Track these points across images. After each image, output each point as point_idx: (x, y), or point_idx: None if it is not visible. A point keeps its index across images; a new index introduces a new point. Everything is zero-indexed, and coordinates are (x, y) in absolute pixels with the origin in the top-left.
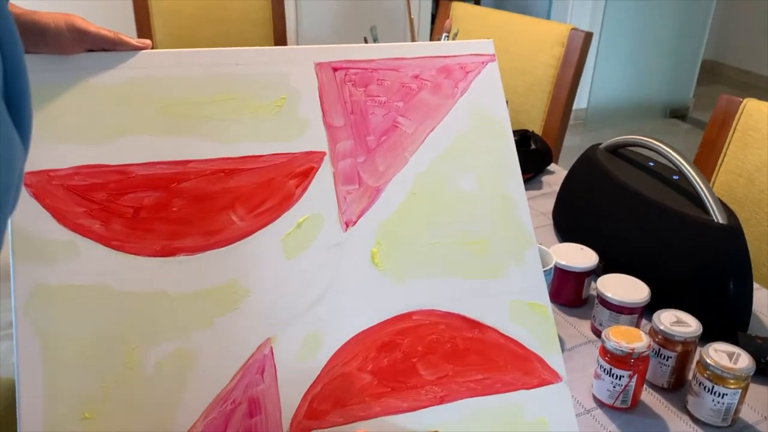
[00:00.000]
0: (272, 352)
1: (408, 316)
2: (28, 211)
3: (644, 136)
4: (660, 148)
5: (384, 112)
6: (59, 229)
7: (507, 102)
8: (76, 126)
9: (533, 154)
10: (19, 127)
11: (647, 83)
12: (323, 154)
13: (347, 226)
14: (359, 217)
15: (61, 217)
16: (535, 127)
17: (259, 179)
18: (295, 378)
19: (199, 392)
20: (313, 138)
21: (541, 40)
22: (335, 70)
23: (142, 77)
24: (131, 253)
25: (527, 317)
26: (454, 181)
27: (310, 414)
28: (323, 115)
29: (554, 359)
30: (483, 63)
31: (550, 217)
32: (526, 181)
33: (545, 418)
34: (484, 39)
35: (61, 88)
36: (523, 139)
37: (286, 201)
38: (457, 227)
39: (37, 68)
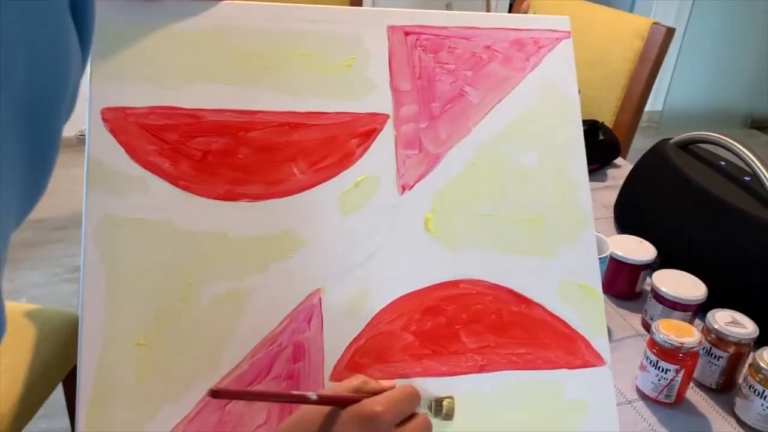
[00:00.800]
0: (320, 302)
1: (455, 283)
2: (104, 144)
3: (718, 134)
4: (734, 147)
5: (451, 80)
6: (131, 164)
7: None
8: (154, 68)
9: (600, 145)
10: (80, 35)
11: (730, 89)
12: (387, 116)
13: (404, 189)
14: (416, 182)
15: (133, 153)
16: (606, 120)
17: (323, 136)
18: (340, 329)
19: (247, 333)
20: (379, 100)
21: (621, 32)
22: (407, 34)
23: (221, 27)
24: (196, 194)
25: (576, 298)
26: (516, 156)
27: (352, 365)
28: (390, 78)
29: (599, 342)
30: (557, 39)
31: (612, 210)
32: (590, 172)
33: (585, 400)
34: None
35: (146, 31)
36: (591, 129)
37: (347, 159)
38: (513, 202)
39: (125, 9)
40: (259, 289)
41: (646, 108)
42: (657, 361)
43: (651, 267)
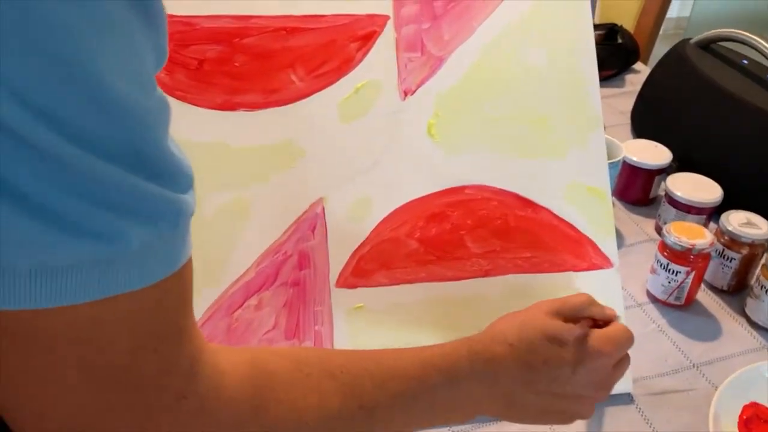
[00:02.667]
0: (324, 212)
1: (460, 189)
2: None
3: (741, 30)
4: (755, 42)
5: None
6: None
7: None
8: None
9: (618, 50)
10: None
11: None
12: (387, 18)
13: (406, 95)
14: (419, 86)
15: None
16: (627, 24)
17: (321, 40)
18: (344, 237)
19: (252, 241)
20: (378, 0)
21: None
22: None
23: None
24: (194, 104)
25: (584, 200)
26: (523, 55)
27: (357, 272)
28: None
29: (607, 244)
30: None
31: (629, 117)
32: (608, 77)
33: None
34: None
35: None
36: (609, 32)
37: (346, 65)
38: (520, 102)
39: None
40: (263, 199)
41: (674, 14)
42: (667, 264)
43: (666, 172)
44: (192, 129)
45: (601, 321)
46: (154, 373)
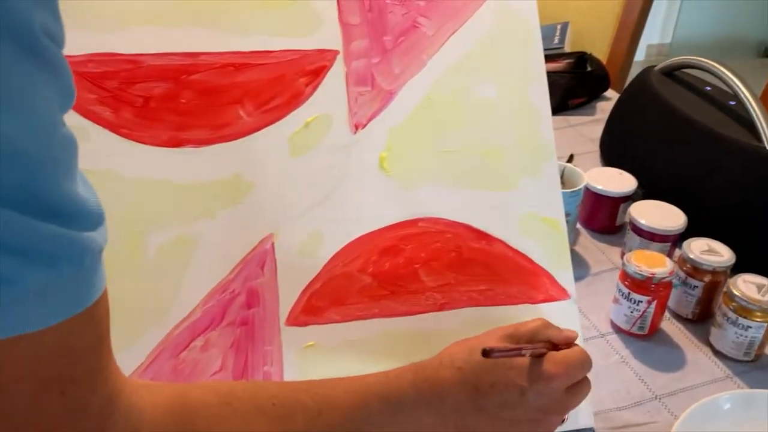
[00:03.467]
0: (273, 248)
1: (413, 222)
2: None
3: (703, 58)
4: (716, 70)
5: (404, 11)
6: (71, 114)
7: (569, 24)
8: (90, 13)
9: (588, 78)
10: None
11: (742, 16)
12: (336, 52)
13: (357, 128)
14: (370, 120)
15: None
16: (600, 52)
17: (269, 75)
18: (295, 274)
19: (198, 280)
20: (327, 35)
21: None
22: None
23: None
24: (139, 142)
25: (538, 231)
26: (474, 88)
27: (308, 309)
28: (339, 12)
29: (564, 276)
30: None
31: (598, 144)
32: (577, 105)
33: None
34: None
35: None
36: (578, 61)
37: (295, 99)
38: (472, 135)
39: None
40: (209, 236)
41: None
42: (629, 293)
43: (633, 199)
44: (137, 167)
45: (561, 344)
46: (62, 416)
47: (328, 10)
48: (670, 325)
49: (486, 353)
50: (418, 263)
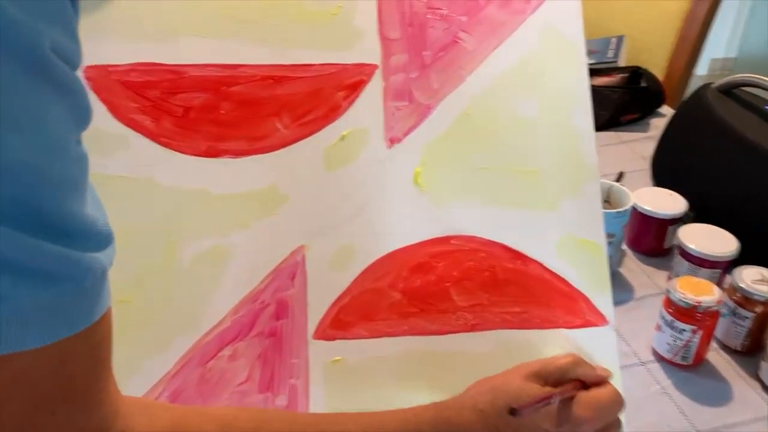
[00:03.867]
0: (304, 260)
1: (446, 239)
2: None
3: (764, 76)
4: None
5: (445, 26)
6: (113, 123)
7: (624, 37)
8: (135, 23)
9: (642, 93)
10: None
11: None
12: (375, 67)
13: (392, 143)
14: (406, 134)
15: (115, 111)
16: (658, 68)
17: (308, 89)
18: (324, 287)
19: (230, 289)
20: (366, 50)
21: None
22: None
23: None
24: (178, 151)
25: (577, 254)
26: (513, 105)
27: (336, 323)
28: (379, 26)
29: (602, 300)
30: None
31: (650, 163)
32: (630, 121)
33: (583, 357)
34: None
35: None
36: (633, 75)
37: (332, 113)
38: (510, 153)
39: None
40: (242, 246)
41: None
42: (672, 321)
43: (683, 221)
44: (175, 176)
45: (592, 382)
46: None
47: (368, 24)
48: (716, 357)
49: (513, 412)
50: (450, 282)
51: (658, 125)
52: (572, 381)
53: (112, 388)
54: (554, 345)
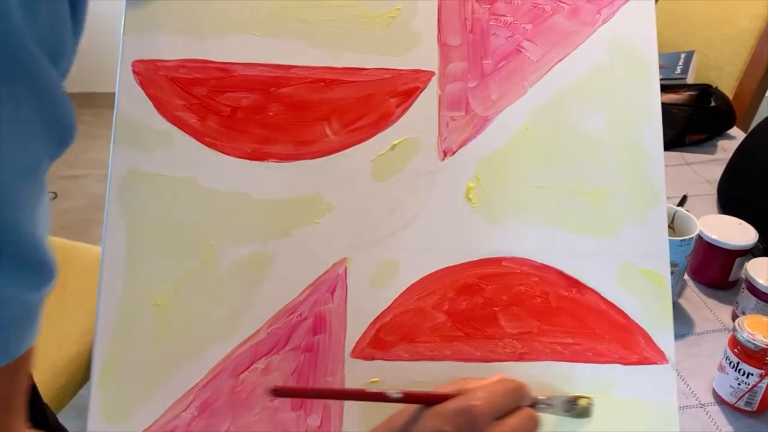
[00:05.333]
0: (346, 273)
1: (497, 260)
2: (133, 98)
3: None
4: None
5: (508, 34)
6: (158, 119)
7: (694, 53)
8: (187, 19)
9: (711, 113)
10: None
11: None
12: (431, 74)
13: (445, 155)
14: (460, 147)
15: (161, 107)
16: (727, 87)
17: (359, 94)
18: (365, 303)
19: (267, 300)
20: (424, 55)
21: None
22: None
23: None
24: (222, 152)
25: (638, 285)
26: (578, 120)
27: (375, 343)
28: (438, 32)
29: (663, 337)
30: None
31: (716, 187)
32: (697, 142)
33: (641, 401)
34: None
35: None
36: (702, 94)
37: (384, 120)
38: (571, 172)
39: None
40: (282, 255)
41: None
42: (738, 363)
43: (752, 253)
44: (217, 177)
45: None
46: None
47: (427, 29)
48: None
49: (274, 392)
50: (499, 306)
51: (726, 148)
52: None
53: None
54: (609, 381)
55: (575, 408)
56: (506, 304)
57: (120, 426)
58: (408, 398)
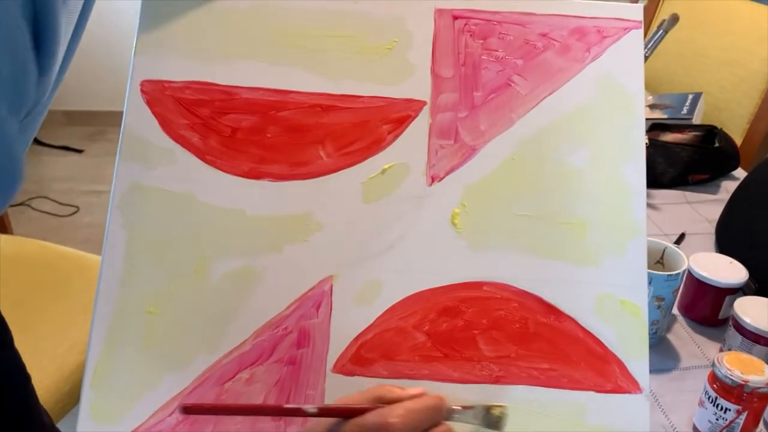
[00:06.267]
0: (332, 290)
1: (478, 285)
2: (139, 115)
3: None
4: None
5: (499, 68)
6: (162, 137)
7: (702, 95)
8: (195, 43)
9: (714, 153)
10: (39, 50)
11: None
12: (424, 103)
13: (433, 180)
14: (447, 173)
15: (166, 125)
16: (738, 129)
17: (354, 119)
18: (348, 320)
19: (255, 312)
20: (417, 86)
21: (765, 29)
22: (455, 18)
23: (262, 4)
24: (221, 170)
25: (615, 314)
26: (563, 153)
27: (356, 359)
28: (432, 64)
29: (638, 367)
30: (625, 29)
31: (714, 226)
32: (700, 182)
33: (612, 428)
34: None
35: (190, 5)
36: (707, 135)
37: (376, 145)
38: (554, 203)
39: None
40: (272, 270)
41: None
42: (716, 398)
43: (743, 292)
44: (215, 194)
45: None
46: None
47: (421, 61)
48: None
49: (185, 410)
50: (478, 329)
51: (728, 189)
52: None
53: None
54: (582, 408)
55: (489, 417)
56: (485, 328)
57: (108, 426)
58: (324, 412)
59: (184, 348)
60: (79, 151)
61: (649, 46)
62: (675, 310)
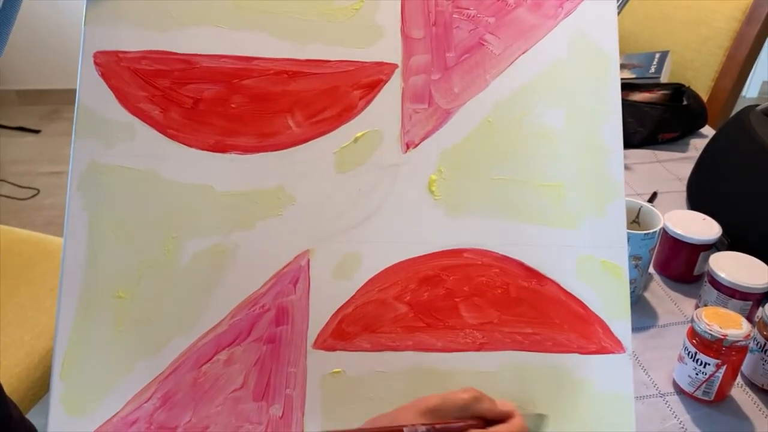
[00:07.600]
0: (308, 265)
1: (458, 252)
2: (93, 89)
3: None
4: None
5: (471, 27)
6: (120, 111)
7: (669, 53)
8: (150, 10)
9: (683, 111)
10: None
11: None
12: (395, 66)
13: (408, 147)
14: (422, 139)
15: (123, 99)
16: (703, 87)
17: (323, 86)
18: (327, 294)
19: (229, 291)
20: (387, 48)
21: None
22: None
23: None
24: (184, 144)
25: (597, 276)
26: (539, 115)
27: (338, 333)
28: (402, 24)
29: (620, 326)
30: None
31: (686, 184)
32: (670, 140)
33: (598, 391)
34: None
35: None
36: (675, 93)
37: (347, 112)
38: (532, 165)
39: None
40: (245, 247)
41: None
42: (695, 353)
43: (717, 248)
44: (180, 170)
45: (493, 419)
46: None
47: (390, 22)
48: (741, 394)
49: None
50: (460, 297)
51: (697, 146)
52: (474, 418)
53: None
54: (566, 371)
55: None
56: (467, 295)
57: (81, 418)
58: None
59: (157, 332)
60: (36, 132)
61: (617, 5)
62: (651, 269)
